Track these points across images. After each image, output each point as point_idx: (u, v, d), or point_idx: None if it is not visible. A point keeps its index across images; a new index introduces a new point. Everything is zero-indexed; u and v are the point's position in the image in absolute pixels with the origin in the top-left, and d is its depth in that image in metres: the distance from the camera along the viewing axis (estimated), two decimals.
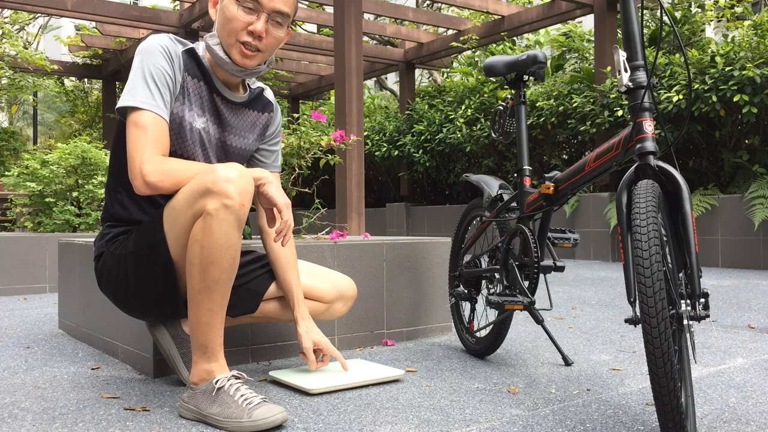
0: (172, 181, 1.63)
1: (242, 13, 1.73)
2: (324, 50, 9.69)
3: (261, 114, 1.96)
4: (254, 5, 1.73)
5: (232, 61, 1.77)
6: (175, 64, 1.75)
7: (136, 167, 1.64)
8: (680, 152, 6.54)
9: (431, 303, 2.74)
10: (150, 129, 1.66)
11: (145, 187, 1.63)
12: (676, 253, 1.49)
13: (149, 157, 1.64)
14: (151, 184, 1.63)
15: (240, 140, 1.92)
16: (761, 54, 5.69)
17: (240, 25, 1.73)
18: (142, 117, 1.67)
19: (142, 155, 1.64)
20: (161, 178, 1.62)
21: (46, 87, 12.25)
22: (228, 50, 1.77)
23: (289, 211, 1.69)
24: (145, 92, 1.69)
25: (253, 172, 1.67)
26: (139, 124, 1.67)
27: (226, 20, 1.74)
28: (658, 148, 1.57)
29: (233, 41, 1.75)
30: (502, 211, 2.24)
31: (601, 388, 1.91)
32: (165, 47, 1.73)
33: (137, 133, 1.66)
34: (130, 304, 1.82)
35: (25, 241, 4.48)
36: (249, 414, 1.54)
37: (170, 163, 1.65)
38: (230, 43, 1.76)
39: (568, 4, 7.71)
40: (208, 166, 1.64)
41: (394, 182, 10.41)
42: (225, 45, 1.77)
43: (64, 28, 25.39)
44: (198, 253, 1.58)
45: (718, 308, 3.44)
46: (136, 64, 1.72)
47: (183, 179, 1.63)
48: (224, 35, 1.76)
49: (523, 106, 2.22)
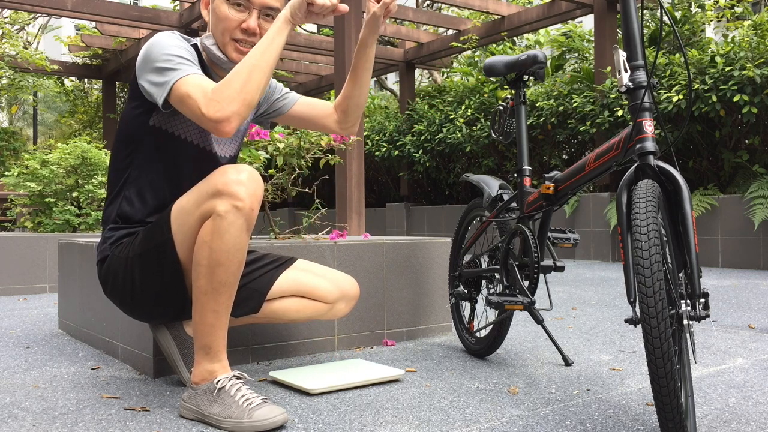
0: (232, 99, 1.55)
1: (234, 12, 1.75)
2: (324, 50, 9.69)
3: None
4: (244, 3, 1.75)
5: (229, 59, 1.78)
6: (190, 51, 1.75)
7: (204, 120, 1.56)
8: (680, 152, 6.54)
9: (431, 303, 2.74)
10: (194, 86, 1.59)
11: (223, 125, 1.55)
12: (676, 253, 1.49)
13: (203, 103, 1.56)
14: (220, 119, 1.55)
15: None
16: (761, 54, 5.69)
17: (233, 24, 1.75)
18: (184, 84, 1.60)
19: (200, 108, 1.56)
20: (221, 107, 1.54)
21: (46, 87, 12.24)
22: (224, 49, 1.78)
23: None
24: (176, 66, 1.63)
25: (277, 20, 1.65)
26: (185, 92, 1.59)
27: (219, 20, 1.76)
28: (658, 148, 1.57)
29: (228, 40, 1.77)
30: (502, 211, 2.24)
31: (601, 388, 1.91)
32: (177, 37, 1.74)
33: (187, 99, 1.58)
34: (136, 307, 1.81)
35: (25, 241, 4.48)
36: (249, 414, 1.54)
37: (218, 91, 1.57)
38: (225, 42, 1.77)
39: (568, 4, 7.71)
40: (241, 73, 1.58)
41: (394, 182, 10.41)
42: (220, 44, 1.78)
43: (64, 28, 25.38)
44: (206, 254, 1.58)
45: (718, 308, 3.44)
46: (156, 53, 1.66)
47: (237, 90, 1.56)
48: (218, 35, 1.78)
49: (523, 106, 2.22)
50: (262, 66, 1.61)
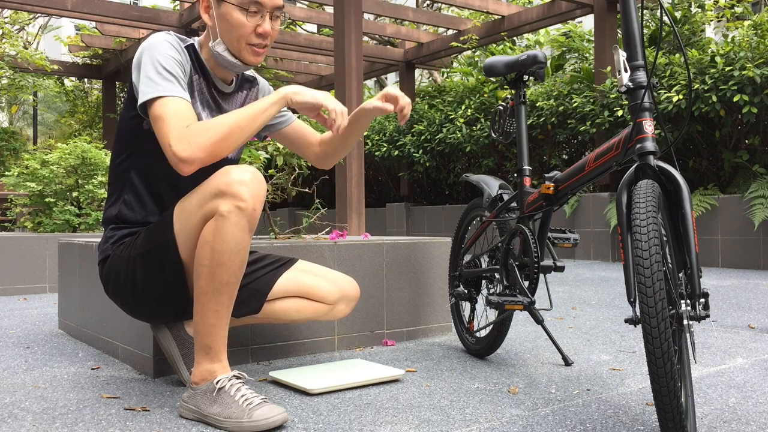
0: (203, 147, 1.58)
1: (248, 18, 1.75)
2: (324, 50, 9.69)
3: (249, 91, 1.99)
4: (257, 8, 1.75)
5: (245, 63, 1.80)
6: (183, 56, 1.76)
7: (169, 153, 1.59)
8: (680, 152, 6.54)
9: (431, 303, 2.74)
10: (172, 111, 1.62)
11: (185, 166, 1.58)
12: (676, 253, 1.49)
13: (176, 136, 1.58)
14: (187, 159, 1.58)
15: None
16: (761, 54, 5.69)
17: (248, 30, 1.76)
18: (164, 104, 1.64)
19: (170, 139, 1.59)
20: (193, 149, 1.57)
21: (46, 87, 12.25)
22: (239, 54, 1.79)
23: (332, 101, 1.73)
24: (162, 81, 1.66)
25: (274, 97, 1.69)
26: (162, 113, 1.62)
27: (233, 27, 1.76)
28: (658, 148, 1.58)
29: (244, 45, 1.77)
30: (502, 211, 2.24)
31: (601, 388, 1.91)
32: (171, 42, 1.74)
33: (162, 122, 1.62)
34: (138, 307, 1.81)
35: (25, 241, 4.48)
36: (249, 414, 1.54)
37: (194, 132, 1.60)
38: (241, 48, 1.78)
39: (568, 4, 7.71)
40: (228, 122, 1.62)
41: (394, 182, 10.41)
42: (235, 50, 1.78)
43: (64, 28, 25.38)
44: (208, 254, 1.58)
45: (718, 308, 3.44)
46: (146, 59, 1.69)
47: (211, 139, 1.58)
48: (233, 41, 1.77)
49: (523, 106, 2.22)
50: (245, 130, 1.65)
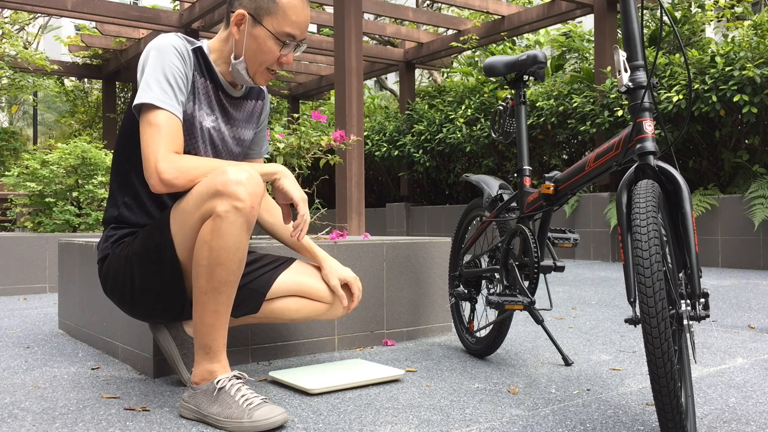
0: (187, 177, 1.63)
1: (279, 47, 1.77)
2: (324, 50, 9.69)
3: (256, 102, 2.00)
4: (290, 40, 1.78)
5: (255, 83, 1.84)
6: (187, 63, 1.76)
7: (152, 166, 1.62)
8: (680, 152, 6.54)
9: (431, 303, 2.74)
10: (164, 127, 1.65)
11: (160, 185, 1.63)
12: (676, 253, 1.49)
13: (164, 155, 1.63)
14: (167, 182, 1.62)
15: (244, 132, 1.95)
16: (761, 54, 5.69)
17: (274, 58, 1.78)
18: (157, 115, 1.66)
19: (157, 153, 1.63)
20: (176, 175, 1.62)
21: (46, 87, 12.25)
22: (254, 75, 1.81)
23: (305, 206, 1.72)
24: (160, 90, 1.68)
25: (267, 167, 1.71)
26: (153, 122, 1.66)
27: (261, 52, 1.77)
28: (658, 148, 1.58)
29: (263, 69, 1.80)
30: (502, 211, 2.24)
31: (601, 388, 1.91)
32: (178, 47, 1.74)
33: (152, 131, 1.65)
34: (136, 307, 1.81)
35: (25, 241, 4.48)
36: (249, 414, 1.54)
37: (184, 160, 1.65)
38: (259, 71, 1.80)
39: (568, 4, 7.71)
40: (221, 163, 1.65)
41: (394, 182, 10.41)
42: (252, 70, 1.80)
43: (64, 28, 25.39)
44: (206, 254, 1.58)
45: (718, 308, 3.44)
46: (151, 62, 1.70)
47: (198, 176, 1.63)
48: (255, 63, 1.79)
49: (523, 106, 2.22)
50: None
